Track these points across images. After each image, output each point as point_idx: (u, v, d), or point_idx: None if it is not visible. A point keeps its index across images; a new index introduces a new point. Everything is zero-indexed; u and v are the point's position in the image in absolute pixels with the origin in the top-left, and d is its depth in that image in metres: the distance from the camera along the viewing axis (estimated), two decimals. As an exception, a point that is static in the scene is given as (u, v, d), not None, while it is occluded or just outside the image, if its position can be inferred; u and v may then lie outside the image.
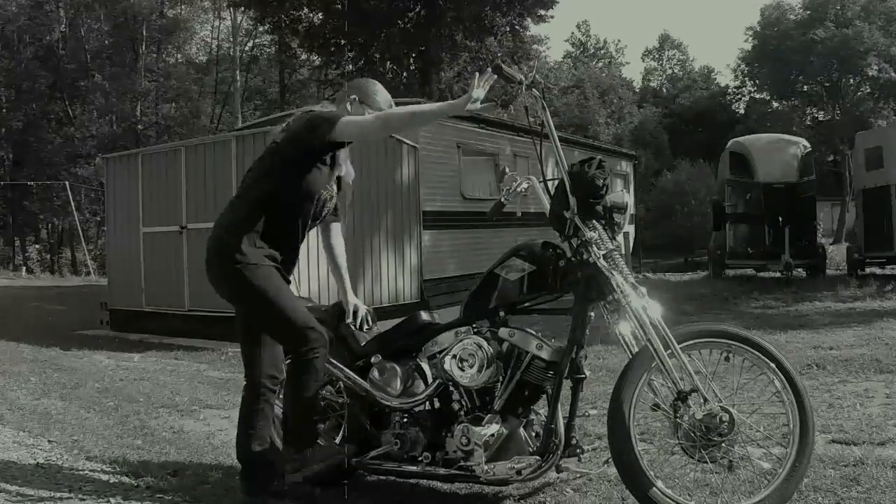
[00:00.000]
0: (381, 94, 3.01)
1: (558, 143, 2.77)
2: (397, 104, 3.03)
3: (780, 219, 13.07)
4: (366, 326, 3.19)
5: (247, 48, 35.72)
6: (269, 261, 2.84)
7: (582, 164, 2.76)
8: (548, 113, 2.76)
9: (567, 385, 2.79)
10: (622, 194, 2.83)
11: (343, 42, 21.75)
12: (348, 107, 2.96)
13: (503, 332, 2.84)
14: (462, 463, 2.79)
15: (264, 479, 2.95)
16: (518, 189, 3.04)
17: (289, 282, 2.98)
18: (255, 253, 2.81)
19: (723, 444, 2.55)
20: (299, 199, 2.88)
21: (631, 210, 3.21)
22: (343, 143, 2.91)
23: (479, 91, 2.64)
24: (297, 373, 2.84)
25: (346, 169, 3.11)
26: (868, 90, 36.38)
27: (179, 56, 33.99)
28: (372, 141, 2.92)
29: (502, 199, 3.07)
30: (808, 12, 35.53)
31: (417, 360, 3.03)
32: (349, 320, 3.16)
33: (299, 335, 2.79)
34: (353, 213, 9.28)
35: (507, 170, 3.11)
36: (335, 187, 3.04)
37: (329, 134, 2.77)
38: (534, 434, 2.84)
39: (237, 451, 3.01)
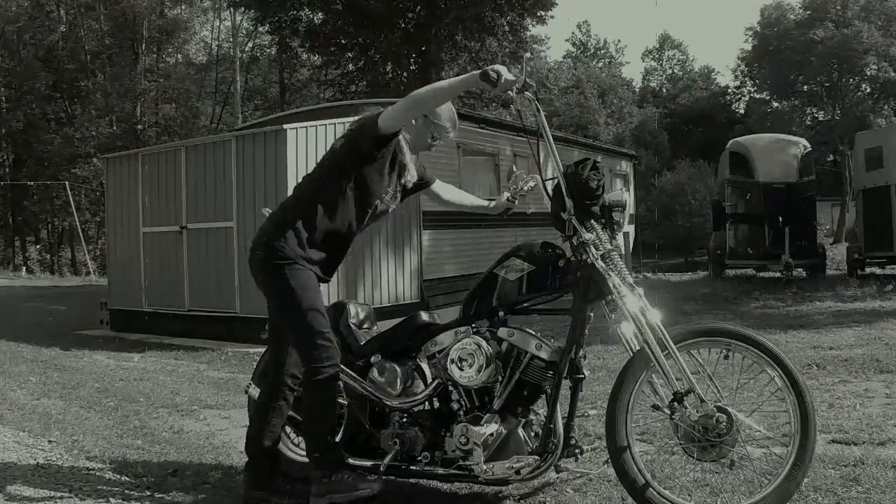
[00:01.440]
0: (443, 108, 2.96)
1: (553, 145, 2.76)
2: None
3: (780, 219, 13.06)
4: (366, 326, 3.19)
5: (247, 48, 35.74)
6: (307, 263, 2.83)
7: (577, 166, 2.76)
8: (542, 115, 2.75)
9: (566, 385, 2.79)
10: (621, 192, 2.83)
11: (343, 42, 21.75)
12: (415, 120, 2.92)
13: (502, 331, 2.84)
14: (461, 462, 2.79)
15: (268, 475, 2.95)
16: (525, 187, 3.05)
17: (326, 281, 2.96)
18: (297, 253, 2.81)
19: (722, 444, 2.55)
20: (355, 206, 2.88)
21: (631, 210, 3.21)
22: (390, 141, 2.84)
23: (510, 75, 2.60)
24: (307, 386, 2.84)
25: (412, 174, 3.07)
26: (868, 90, 36.39)
27: (179, 56, 34.00)
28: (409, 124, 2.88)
29: (510, 199, 3.08)
30: (808, 12, 35.53)
31: (417, 360, 3.03)
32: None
33: (311, 346, 2.77)
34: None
35: (514, 168, 3.12)
36: (397, 196, 3.01)
37: (374, 130, 2.77)
38: (533, 434, 2.84)
39: (246, 444, 3.01)
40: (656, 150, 39.38)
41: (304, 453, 3.30)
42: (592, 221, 2.72)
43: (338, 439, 3.13)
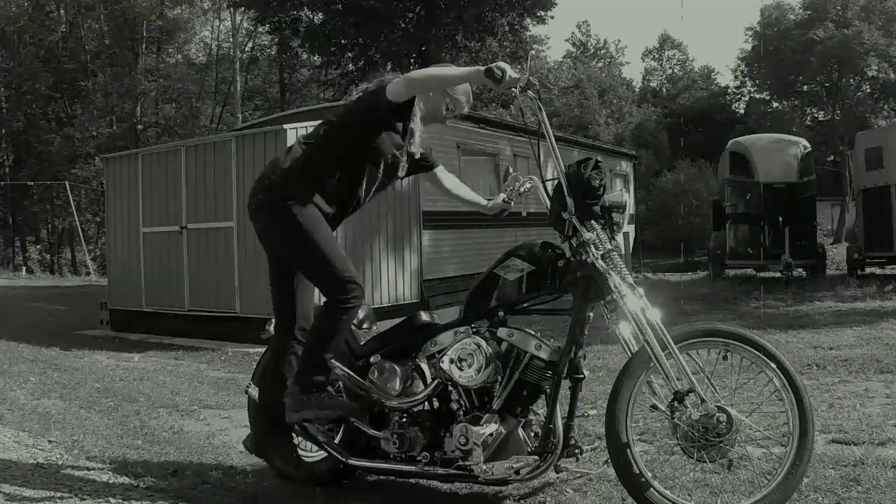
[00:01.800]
0: None
1: (555, 145, 2.77)
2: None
3: (780, 219, 13.06)
4: (365, 326, 3.19)
5: (247, 48, 35.76)
6: (315, 207, 2.84)
7: (578, 165, 2.77)
8: (544, 114, 2.75)
9: (566, 385, 2.79)
10: (621, 194, 2.83)
11: (343, 42, 21.74)
12: (430, 93, 2.95)
13: (502, 331, 2.84)
14: (461, 463, 2.79)
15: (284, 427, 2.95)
16: (521, 189, 3.04)
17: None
18: (306, 195, 2.82)
19: (721, 444, 2.55)
20: (362, 162, 2.88)
21: (630, 210, 3.21)
22: (409, 111, 2.86)
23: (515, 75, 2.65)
24: (327, 318, 2.83)
25: (417, 144, 3.04)
26: (868, 90, 36.40)
27: (179, 56, 34.00)
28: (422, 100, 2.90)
29: (505, 200, 3.08)
30: (808, 12, 35.55)
31: (416, 359, 3.02)
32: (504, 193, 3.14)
33: (339, 284, 2.79)
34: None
35: (510, 170, 3.12)
36: (403, 164, 2.99)
37: (383, 97, 2.80)
38: (532, 434, 2.84)
39: (262, 399, 3.01)
40: (656, 150, 39.40)
41: (303, 453, 3.30)
42: (592, 221, 2.72)
43: (337, 440, 3.14)
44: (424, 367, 2.99)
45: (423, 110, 2.96)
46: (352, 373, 3.02)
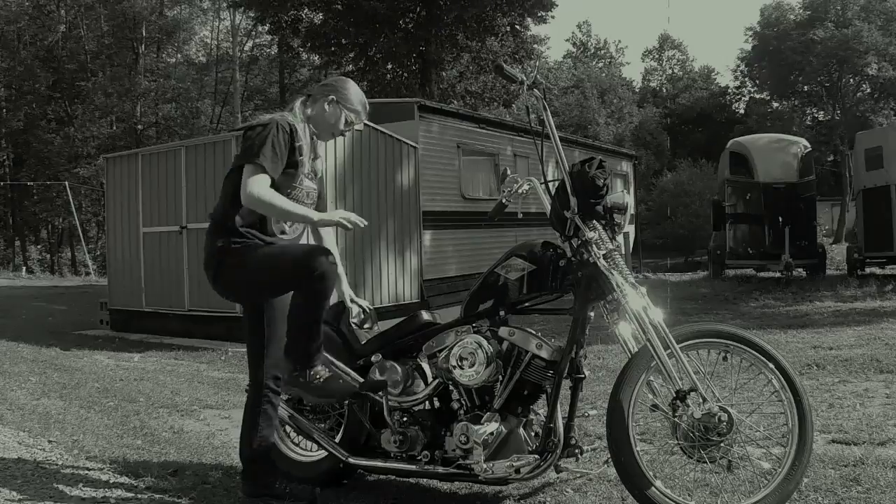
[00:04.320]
0: (354, 93, 2.98)
1: (559, 144, 2.77)
2: (396, 104, 3.01)
3: (780, 219, 13.05)
4: (366, 325, 3.19)
5: (247, 48, 35.76)
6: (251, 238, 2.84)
7: (583, 165, 2.77)
8: (549, 113, 2.76)
9: (566, 385, 2.79)
10: (622, 195, 2.83)
11: (343, 42, 21.75)
12: (326, 107, 2.93)
13: (503, 331, 2.84)
14: (461, 462, 2.80)
15: (265, 480, 2.95)
16: (519, 190, 3.05)
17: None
18: (234, 238, 2.83)
19: (722, 444, 2.55)
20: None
21: (631, 210, 3.20)
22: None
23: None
24: (305, 295, 2.80)
25: (318, 158, 3.05)
26: (868, 90, 36.43)
27: (179, 56, 34.01)
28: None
29: (503, 201, 3.08)
30: (808, 12, 35.58)
31: (417, 359, 3.02)
32: (353, 319, 3.14)
33: (298, 269, 2.76)
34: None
35: (508, 171, 3.12)
36: (308, 181, 2.98)
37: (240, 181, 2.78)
38: (533, 433, 2.84)
39: (240, 451, 3.01)
40: (656, 150, 39.44)
41: (304, 453, 3.31)
42: (595, 221, 2.72)
43: (338, 439, 3.14)
44: (425, 366, 2.99)
45: (316, 130, 2.95)
46: (353, 372, 3.02)
